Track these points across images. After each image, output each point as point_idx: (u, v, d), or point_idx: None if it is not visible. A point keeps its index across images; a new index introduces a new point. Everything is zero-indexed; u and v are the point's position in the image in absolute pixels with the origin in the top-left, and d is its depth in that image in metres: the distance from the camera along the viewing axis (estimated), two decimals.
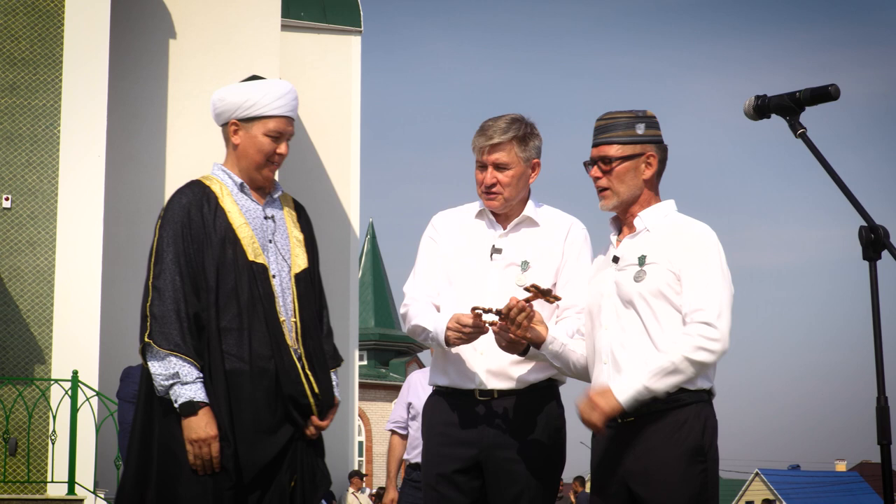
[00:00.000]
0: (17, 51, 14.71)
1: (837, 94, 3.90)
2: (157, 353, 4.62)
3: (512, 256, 5.11)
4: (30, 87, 14.67)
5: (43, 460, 13.94)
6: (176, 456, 4.64)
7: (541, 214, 5.19)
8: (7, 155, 14.48)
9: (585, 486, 28.71)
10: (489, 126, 5.09)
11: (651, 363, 4.58)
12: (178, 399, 4.61)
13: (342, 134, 22.00)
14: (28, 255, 14.42)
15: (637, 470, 4.65)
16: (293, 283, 4.86)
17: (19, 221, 14.44)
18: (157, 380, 4.62)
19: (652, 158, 4.77)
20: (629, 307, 4.71)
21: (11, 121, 14.55)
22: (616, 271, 4.79)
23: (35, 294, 14.38)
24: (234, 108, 4.85)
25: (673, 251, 4.70)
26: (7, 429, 13.69)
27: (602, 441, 4.79)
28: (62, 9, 14.90)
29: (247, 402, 4.68)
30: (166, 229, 4.73)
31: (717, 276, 4.67)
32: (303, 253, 4.94)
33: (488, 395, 5.05)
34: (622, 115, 4.79)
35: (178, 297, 4.64)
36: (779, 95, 4.01)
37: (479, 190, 5.14)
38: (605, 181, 4.77)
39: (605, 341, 4.77)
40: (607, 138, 4.77)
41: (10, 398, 13.73)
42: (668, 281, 4.67)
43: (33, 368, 14.27)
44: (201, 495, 4.60)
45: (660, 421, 4.63)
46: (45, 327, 14.35)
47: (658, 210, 4.82)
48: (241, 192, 4.87)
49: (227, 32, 17.40)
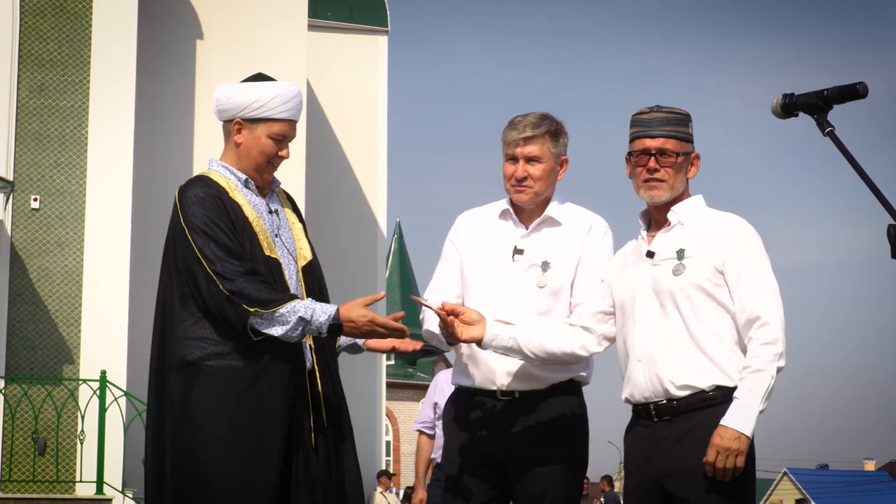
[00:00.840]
0: (45, 52, 14.77)
1: (866, 92, 3.88)
2: (268, 316, 4.57)
3: (533, 257, 5.10)
4: (58, 88, 14.73)
5: (71, 460, 14.00)
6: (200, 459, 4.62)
7: (563, 213, 5.18)
8: (35, 156, 14.54)
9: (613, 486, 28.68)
10: (521, 120, 5.10)
11: (753, 385, 4.53)
12: (323, 332, 4.63)
13: (369, 134, 22.01)
14: (56, 255, 14.48)
15: (673, 469, 4.63)
16: (301, 275, 4.86)
17: (48, 222, 14.50)
18: (293, 336, 4.61)
19: (696, 159, 4.83)
20: (667, 302, 4.70)
21: (40, 122, 14.61)
22: (652, 266, 4.76)
23: (63, 294, 14.44)
24: (240, 106, 4.83)
25: (713, 245, 4.68)
26: (36, 429, 13.74)
27: (636, 439, 4.79)
28: (90, 10, 14.96)
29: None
30: (197, 218, 4.68)
31: (766, 273, 4.67)
32: (307, 245, 4.94)
33: (510, 395, 5.05)
34: (678, 112, 4.80)
35: (239, 270, 4.60)
36: (806, 94, 3.98)
37: (507, 184, 5.13)
38: (664, 173, 4.74)
39: (641, 338, 4.74)
40: (669, 132, 4.75)
41: (38, 398, 13.78)
42: (709, 275, 4.65)
43: (62, 368, 14.33)
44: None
45: (696, 419, 4.62)
46: (74, 327, 14.41)
47: (690, 204, 4.81)
48: (246, 187, 4.85)
49: (254, 33, 17.44)
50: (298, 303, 4.59)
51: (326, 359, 4.86)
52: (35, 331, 14.27)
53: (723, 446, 4.50)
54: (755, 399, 4.51)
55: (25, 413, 13.78)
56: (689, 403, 4.63)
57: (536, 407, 5.05)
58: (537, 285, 5.06)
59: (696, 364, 4.65)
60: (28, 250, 14.42)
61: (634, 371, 4.75)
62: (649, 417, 4.70)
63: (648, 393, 4.70)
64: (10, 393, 13.83)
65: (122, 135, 14.86)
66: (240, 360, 4.63)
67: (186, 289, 4.70)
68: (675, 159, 4.74)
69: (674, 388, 4.65)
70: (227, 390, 4.61)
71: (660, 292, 4.72)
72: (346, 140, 21.71)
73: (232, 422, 4.60)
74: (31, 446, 13.82)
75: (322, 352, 4.84)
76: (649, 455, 4.70)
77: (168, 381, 4.71)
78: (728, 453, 4.50)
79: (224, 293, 4.58)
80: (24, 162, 14.51)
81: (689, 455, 4.59)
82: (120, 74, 14.94)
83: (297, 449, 4.68)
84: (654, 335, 4.71)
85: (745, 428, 4.50)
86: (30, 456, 13.87)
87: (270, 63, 16.33)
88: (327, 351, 4.88)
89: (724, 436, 4.50)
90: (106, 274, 14.56)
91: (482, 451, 5.07)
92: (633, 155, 4.80)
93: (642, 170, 4.76)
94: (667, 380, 4.65)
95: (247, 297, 4.56)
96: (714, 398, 4.61)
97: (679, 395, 4.65)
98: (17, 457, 13.87)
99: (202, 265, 4.63)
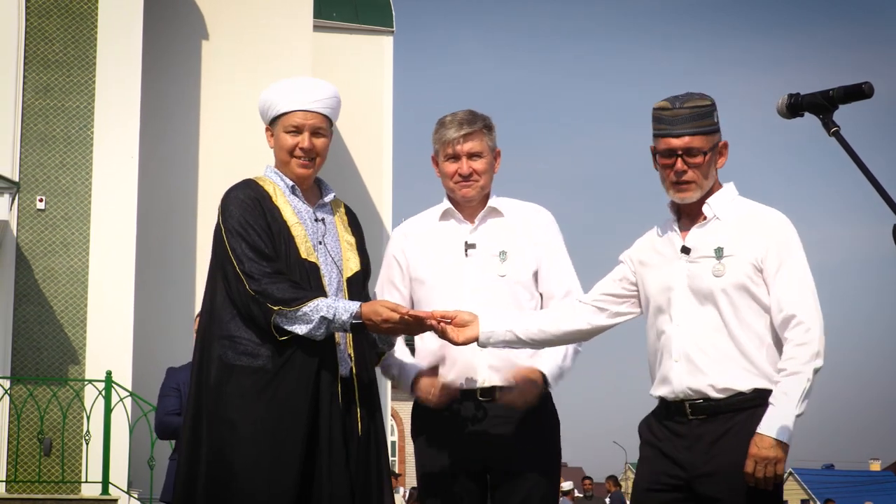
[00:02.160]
0: (51, 53, 14.78)
1: (871, 92, 3.87)
2: (291, 315, 4.64)
3: (488, 248, 5.13)
4: (63, 89, 14.74)
5: (77, 460, 14.00)
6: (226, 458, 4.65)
7: (503, 204, 5.22)
8: (41, 156, 14.55)
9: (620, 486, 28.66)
10: (452, 119, 5.14)
11: (789, 389, 4.37)
12: (347, 329, 4.68)
13: (374, 134, 21.99)
14: (62, 256, 14.49)
15: (707, 471, 4.48)
16: (345, 285, 4.87)
17: (53, 223, 14.51)
18: (317, 335, 4.65)
19: (724, 148, 4.67)
20: (706, 302, 4.55)
21: (45, 122, 14.62)
22: (688, 263, 4.61)
23: (69, 295, 14.44)
24: (263, 114, 4.99)
25: (751, 242, 4.53)
26: (41, 429, 13.75)
27: (664, 437, 4.63)
28: (95, 11, 14.96)
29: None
30: (234, 219, 4.77)
31: (803, 270, 4.54)
32: (354, 257, 4.96)
33: (490, 394, 5.04)
34: (703, 104, 4.59)
35: (266, 270, 4.67)
36: (812, 94, 3.97)
37: (450, 183, 5.15)
38: (692, 174, 4.56)
39: (678, 338, 4.58)
40: (694, 129, 4.56)
41: (44, 398, 13.79)
42: (749, 273, 4.51)
43: (67, 369, 14.34)
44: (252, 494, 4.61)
45: (734, 420, 4.48)
46: (79, 328, 14.42)
47: (723, 196, 4.65)
48: (293, 193, 4.90)
49: (259, 33, 17.43)
50: (321, 301, 4.64)
51: (366, 366, 4.88)
52: (40, 331, 14.28)
53: (760, 456, 4.36)
54: (791, 404, 4.36)
55: (31, 413, 13.79)
56: (729, 404, 4.50)
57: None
58: (498, 275, 5.07)
59: (737, 367, 4.52)
60: (33, 251, 14.42)
61: (670, 371, 4.59)
62: (683, 414, 4.56)
63: (683, 395, 4.56)
64: (16, 393, 13.83)
65: (128, 135, 14.87)
66: (268, 361, 4.67)
67: (224, 288, 4.77)
68: (704, 158, 4.57)
69: (712, 390, 4.51)
70: (255, 389, 4.66)
71: (698, 292, 4.57)
72: (351, 140, 21.70)
73: (257, 421, 4.64)
74: (37, 447, 13.84)
75: (362, 359, 4.86)
76: (679, 451, 4.56)
77: (204, 380, 4.77)
78: (767, 462, 4.36)
79: (249, 293, 4.66)
80: (30, 163, 14.52)
81: (725, 457, 4.45)
82: (125, 75, 14.95)
83: (326, 455, 4.69)
84: (692, 336, 4.57)
85: (781, 435, 4.35)
86: (35, 456, 13.88)
87: (275, 64, 16.35)
88: (367, 358, 4.90)
89: (761, 445, 4.36)
90: (111, 274, 14.57)
91: (465, 456, 5.04)
92: (658, 153, 4.64)
93: (670, 171, 4.60)
94: (705, 383, 4.52)
95: (270, 297, 4.63)
96: (754, 400, 4.47)
97: (717, 397, 4.52)
98: (22, 457, 13.88)
99: (233, 264, 4.72)
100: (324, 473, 4.67)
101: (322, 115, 4.93)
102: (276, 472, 4.60)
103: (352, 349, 4.82)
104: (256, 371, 4.67)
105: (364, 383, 4.83)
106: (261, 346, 4.68)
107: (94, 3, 14.99)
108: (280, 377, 4.65)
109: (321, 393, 4.69)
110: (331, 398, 4.71)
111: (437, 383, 5.00)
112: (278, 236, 4.77)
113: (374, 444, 4.84)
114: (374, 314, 4.63)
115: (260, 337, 4.68)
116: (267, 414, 4.63)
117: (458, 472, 5.04)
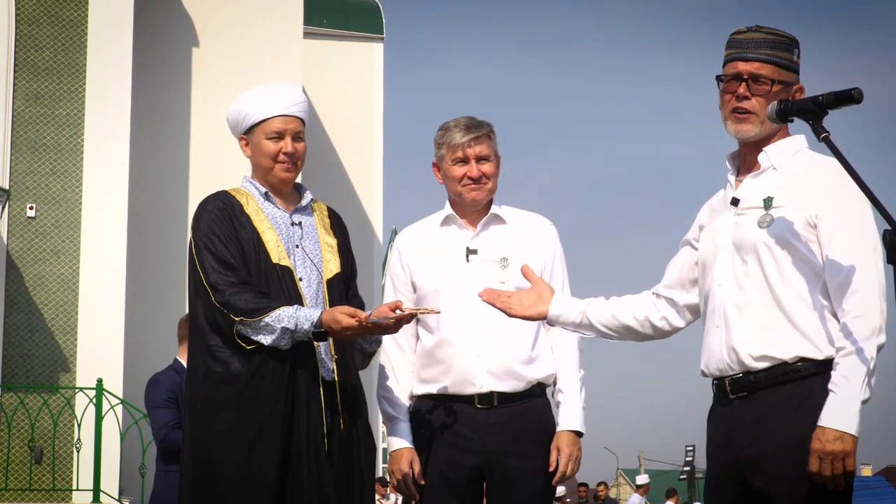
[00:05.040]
0: (41, 60, 14.77)
1: (861, 97, 3.86)
2: (254, 325, 4.64)
3: (489, 255, 5.12)
4: (53, 97, 14.73)
5: (68, 468, 13.98)
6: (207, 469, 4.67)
7: (506, 212, 5.22)
8: (31, 164, 14.54)
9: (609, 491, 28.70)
10: (456, 124, 5.15)
11: (850, 372, 3.85)
12: (311, 338, 4.66)
13: (365, 141, 22.01)
14: (53, 263, 14.47)
15: (751, 458, 4.01)
16: (325, 287, 4.88)
17: (44, 230, 14.50)
18: (282, 345, 4.65)
19: (799, 93, 4.18)
20: (749, 257, 4.08)
21: (36, 130, 14.61)
22: (736, 215, 4.16)
23: (60, 302, 14.43)
24: (237, 123, 5.00)
25: (807, 193, 4.05)
26: (32, 437, 13.72)
27: (716, 420, 4.20)
28: (85, 18, 14.96)
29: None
30: (201, 233, 4.80)
31: (866, 230, 4.00)
32: (335, 258, 4.96)
33: (488, 400, 5.04)
34: (779, 34, 4.16)
35: (230, 281, 4.69)
36: (802, 99, 3.98)
37: (457, 187, 5.13)
38: (754, 103, 4.13)
39: (720, 300, 4.13)
40: (767, 55, 4.14)
41: (35, 406, 13.76)
42: (799, 228, 4.02)
43: (58, 377, 14.32)
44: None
45: (776, 396, 3.99)
46: (70, 335, 14.40)
47: (787, 145, 4.20)
48: (267, 200, 4.92)
49: (250, 40, 17.43)
50: (283, 311, 4.64)
51: (348, 370, 4.87)
52: (31, 339, 14.26)
53: (825, 451, 3.83)
54: (854, 388, 3.83)
55: (22, 421, 13.76)
56: (769, 378, 4.00)
57: (515, 412, 5.04)
58: (499, 281, 5.05)
59: (778, 331, 4.02)
60: (24, 258, 14.41)
61: (711, 338, 4.15)
62: (725, 395, 4.10)
63: (723, 365, 4.10)
64: (7, 401, 13.82)
65: (118, 143, 14.86)
66: (243, 367, 4.68)
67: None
68: (771, 87, 4.13)
69: (751, 359, 4.03)
70: (232, 397, 4.67)
71: (741, 246, 4.10)
72: (341, 147, 21.72)
73: (232, 422, 4.66)
74: (28, 454, 13.81)
75: (344, 362, 4.86)
76: (726, 438, 4.10)
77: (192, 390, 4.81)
78: (833, 457, 3.82)
79: (215, 304, 4.68)
80: (20, 170, 14.51)
81: (768, 440, 3.97)
82: (115, 82, 14.94)
83: (305, 459, 4.68)
84: (732, 297, 4.10)
85: (846, 426, 3.82)
86: (26, 464, 13.85)
87: (266, 70, 16.34)
88: (350, 361, 4.89)
89: (824, 438, 3.83)
90: (102, 282, 14.56)
91: (461, 463, 5.02)
92: (722, 80, 4.21)
93: (731, 97, 4.16)
94: (743, 350, 4.04)
95: (234, 308, 4.64)
96: (798, 370, 3.98)
97: (757, 368, 4.02)
98: (13, 465, 13.86)
99: (200, 277, 4.74)
100: (304, 479, 4.67)
101: (300, 119, 4.96)
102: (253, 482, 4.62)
103: (334, 352, 4.82)
104: (232, 378, 4.69)
105: (347, 387, 4.82)
106: (234, 354, 4.70)
107: (84, 11, 14.98)
108: (255, 384, 4.67)
109: (298, 398, 4.70)
110: (308, 403, 4.71)
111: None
112: (248, 244, 4.78)
113: (357, 449, 4.83)
114: (334, 322, 4.62)
115: (230, 345, 4.71)
116: (243, 421, 4.65)
117: (454, 478, 5.03)
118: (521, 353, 5.05)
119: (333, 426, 4.74)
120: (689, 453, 40.81)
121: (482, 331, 5.03)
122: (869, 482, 65.63)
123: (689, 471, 40.09)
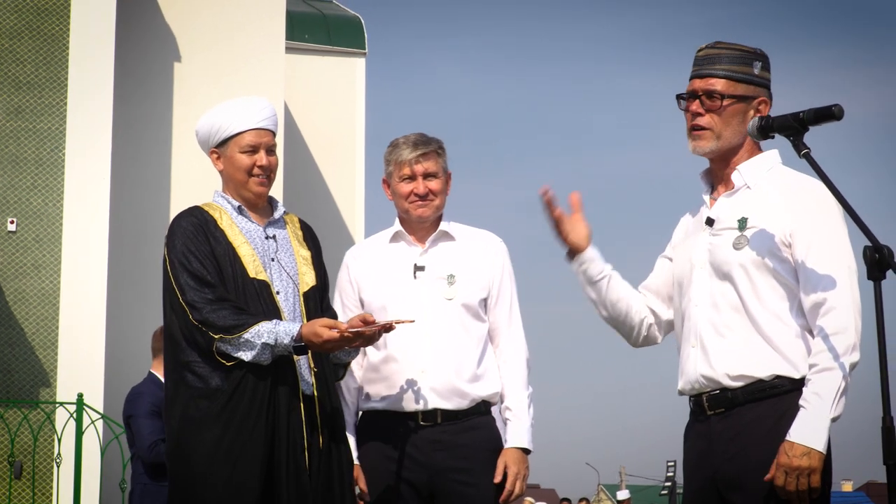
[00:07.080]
0: (22, 74, 14.74)
1: (841, 114, 3.88)
2: (234, 342, 4.63)
3: (436, 272, 5.13)
4: (34, 111, 14.70)
5: (48, 484, 13.93)
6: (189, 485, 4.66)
7: (454, 229, 5.24)
8: (12, 178, 14.51)
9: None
10: (407, 140, 5.16)
11: (821, 389, 3.89)
12: (292, 352, 4.65)
13: (347, 155, 22.00)
14: (33, 277, 14.43)
15: (729, 473, 4.05)
16: (302, 300, 4.87)
17: (24, 244, 14.46)
18: (262, 361, 4.63)
19: (764, 105, 4.20)
20: (725, 279, 4.12)
21: (16, 144, 14.57)
22: (711, 235, 4.20)
23: (40, 317, 14.39)
24: (207, 137, 4.97)
25: (781, 211, 4.08)
26: (12, 452, 13.67)
27: (693, 437, 4.24)
28: (67, 32, 14.94)
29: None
30: (176, 250, 4.78)
31: (841, 248, 4.03)
32: (310, 271, 4.96)
33: (431, 417, 5.03)
34: (737, 48, 4.18)
35: (207, 298, 4.68)
36: (783, 116, 3.98)
37: (404, 204, 5.16)
38: (708, 119, 4.15)
39: (696, 320, 4.16)
40: (718, 70, 4.16)
41: (15, 421, 13.71)
42: (774, 248, 4.04)
43: (38, 391, 14.27)
44: None
45: (754, 412, 4.04)
46: (51, 350, 14.36)
47: (760, 162, 4.22)
48: (240, 214, 4.92)
49: (232, 55, 17.42)
50: (263, 326, 4.63)
51: (327, 384, 4.86)
52: (11, 353, 14.21)
53: (791, 466, 3.88)
54: (824, 405, 3.89)
55: (1, 436, 13.71)
56: (746, 394, 4.04)
57: (459, 429, 5.04)
58: (445, 297, 5.07)
59: (755, 351, 4.07)
60: (4, 273, 14.37)
61: (687, 358, 4.19)
62: (702, 411, 4.13)
63: (699, 385, 4.14)
64: None
65: (100, 157, 14.83)
66: (223, 382, 4.67)
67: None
68: (722, 103, 4.15)
69: (728, 378, 4.07)
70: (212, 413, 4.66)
71: (717, 267, 4.13)
72: (323, 162, 21.70)
73: (215, 439, 4.64)
74: (7, 470, 13.76)
75: (323, 375, 4.85)
76: (704, 455, 4.13)
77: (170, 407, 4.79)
78: (799, 472, 3.88)
79: (193, 322, 4.66)
80: (1, 185, 14.47)
81: (744, 457, 4.01)
82: (97, 96, 14.92)
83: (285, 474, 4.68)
84: (708, 317, 4.13)
85: (814, 442, 3.88)
86: (5, 480, 13.80)
87: (248, 85, 16.33)
88: (329, 374, 4.89)
89: (791, 453, 3.89)
90: (83, 296, 14.52)
91: (409, 480, 5.02)
92: (683, 99, 4.25)
93: (689, 115, 4.21)
94: (720, 369, 4.09)
95: (212, 326, 4.63)
96: (775, 387, 4.02)
97: (734, 386, 4.07)
98: None
99: (176, 295, 4.72)
100: (283, 494, 4.66)
101: (272, 132, 4.97)
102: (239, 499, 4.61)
103: (313, 365, 4.82)
104: (212, 394, 4.68)
105: (325, 402, 4.82)
106: (213, 370, 4.69)
107: (66, 25, 14.96)
108: (235, 400, 4.66)
109: (278, 413, 4.69)
110: (289, 417, 4.70)
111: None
112: (224, 259, 4.78)
113: (338, 464, 4.82)
114: (315, 335, 4.63)
115: (208, 361, 4.70)
116: (226, 437, 4.65)
117: (404, 494, 5.03)
118: (466, 370, 5.05)
119: (313, 441, 4.74)
120: (671, 468, 40.85)
121: (428, 347, 5.03)
122: (850, 498, 65.73)
123: (671, 486, 40.10)
